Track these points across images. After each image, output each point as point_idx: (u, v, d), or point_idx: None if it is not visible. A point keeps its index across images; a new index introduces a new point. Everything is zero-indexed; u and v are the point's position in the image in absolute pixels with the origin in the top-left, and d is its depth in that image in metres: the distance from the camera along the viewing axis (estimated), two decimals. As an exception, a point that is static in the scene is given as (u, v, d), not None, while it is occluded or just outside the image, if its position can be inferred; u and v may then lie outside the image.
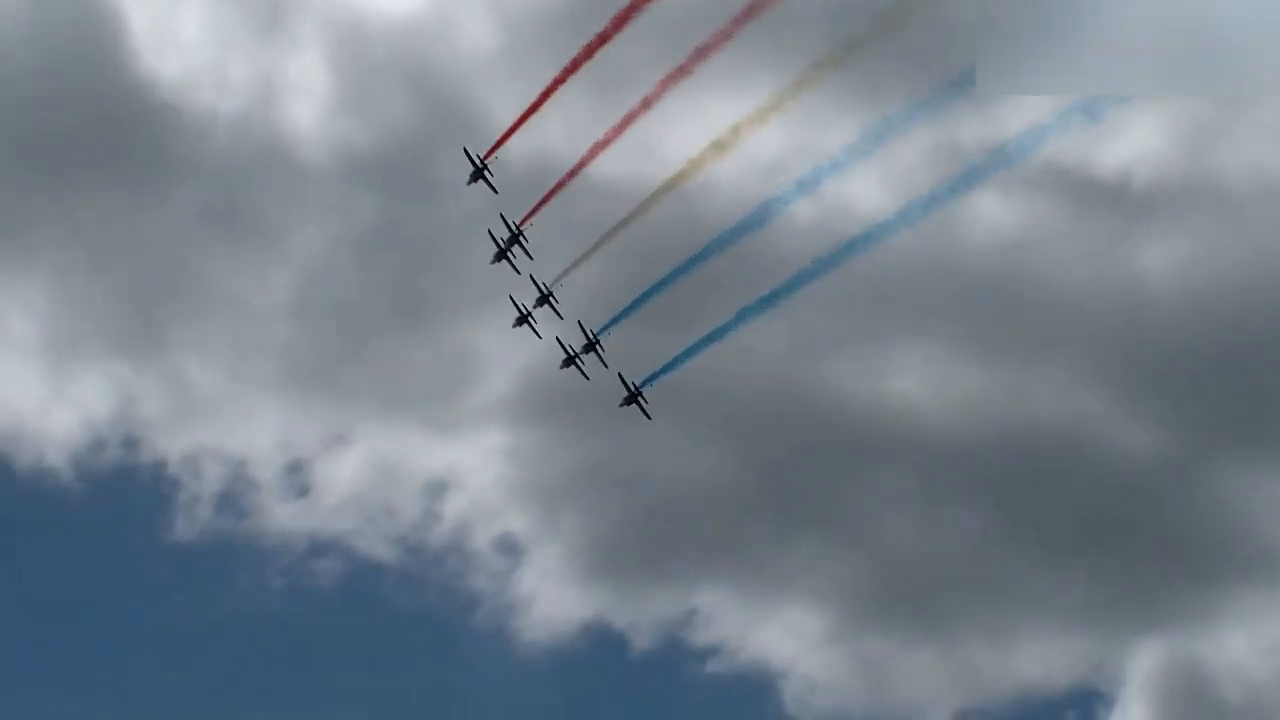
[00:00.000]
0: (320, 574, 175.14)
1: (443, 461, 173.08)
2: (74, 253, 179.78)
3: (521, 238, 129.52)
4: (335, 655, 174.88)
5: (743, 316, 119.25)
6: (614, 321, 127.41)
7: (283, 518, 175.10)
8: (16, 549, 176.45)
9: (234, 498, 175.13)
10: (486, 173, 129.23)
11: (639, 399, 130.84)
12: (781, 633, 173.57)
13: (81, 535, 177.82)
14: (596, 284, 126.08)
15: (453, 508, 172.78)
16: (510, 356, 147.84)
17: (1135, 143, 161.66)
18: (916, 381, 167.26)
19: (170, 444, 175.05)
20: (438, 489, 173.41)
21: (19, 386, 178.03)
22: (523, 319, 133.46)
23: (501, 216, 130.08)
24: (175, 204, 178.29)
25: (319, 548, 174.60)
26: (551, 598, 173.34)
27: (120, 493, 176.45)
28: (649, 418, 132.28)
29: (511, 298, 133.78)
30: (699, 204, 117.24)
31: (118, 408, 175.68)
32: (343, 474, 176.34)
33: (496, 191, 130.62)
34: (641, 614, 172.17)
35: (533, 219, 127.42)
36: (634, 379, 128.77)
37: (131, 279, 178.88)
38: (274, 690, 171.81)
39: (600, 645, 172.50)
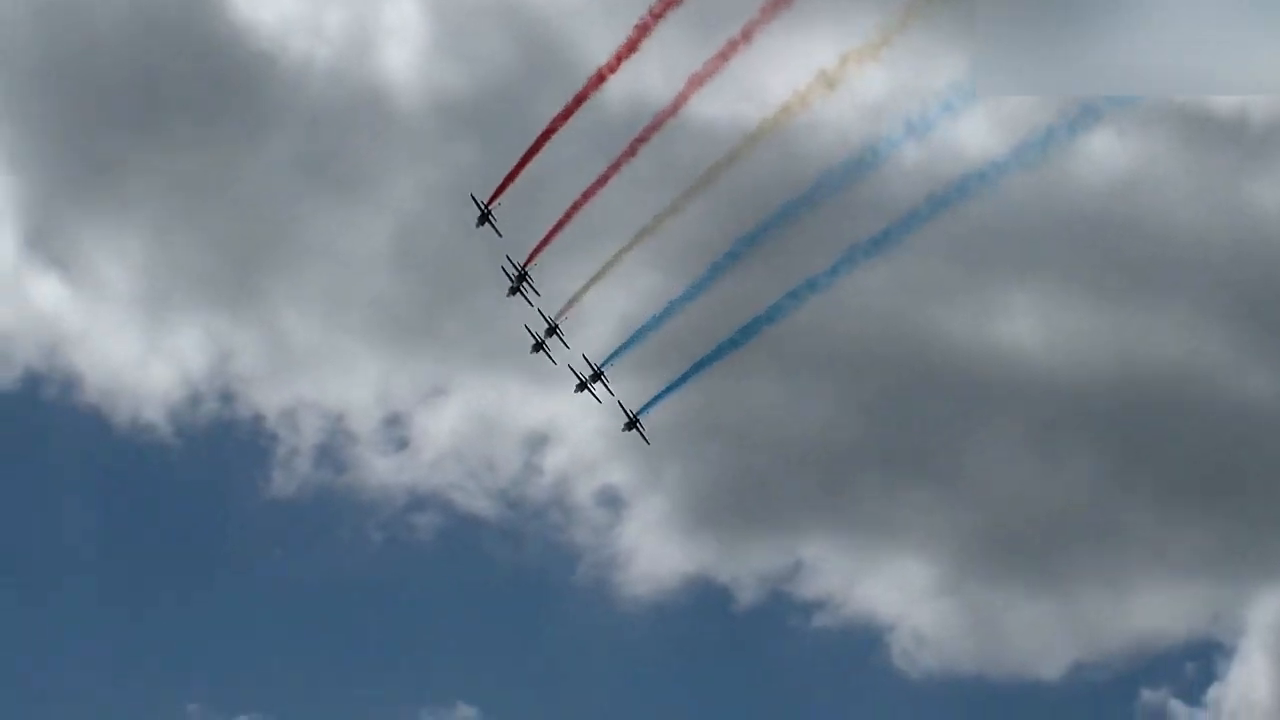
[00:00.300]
0: (419, 528, 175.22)
1: (543, 413, 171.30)
2: (169, 203, 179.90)
3: (528, 278, 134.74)
4: (434, 611, 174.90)
5: (847, 261, 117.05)
6: (616, 354, 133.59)
7: (381, 471, 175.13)
8: (114, 505, 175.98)
9: (332, 451, 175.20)
10: (491, 218, 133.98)
11: (637, 425, 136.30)
12: (889, 585, 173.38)
13: (179, 491, 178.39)
14: (697, 228, 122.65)
15: (553, 461, 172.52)
16: (611, 306, 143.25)
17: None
18: (1028, 325, 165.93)
19: (267, 398, 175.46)
20: (537, 442, 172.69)
21: (116, 340, 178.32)
22: (538, 346, 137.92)
23: (508, 258, 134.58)
24: (271, 153, 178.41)
25: (418, 502, 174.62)
26: (654, 551, 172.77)
27: (218, 447, 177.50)
28: (648, 443, 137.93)
29: (527, 327, 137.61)
30: (799, 146, 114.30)
31: (214, 361, 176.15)
32: (442, 427, 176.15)
33: (501, 235, 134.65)
34: (745, 567, 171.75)
35: (536, 259, 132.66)
36: (741, 311, 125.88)
37: (227, 230, 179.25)
38: (372, 645, 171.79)
39: (703, 599, 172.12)
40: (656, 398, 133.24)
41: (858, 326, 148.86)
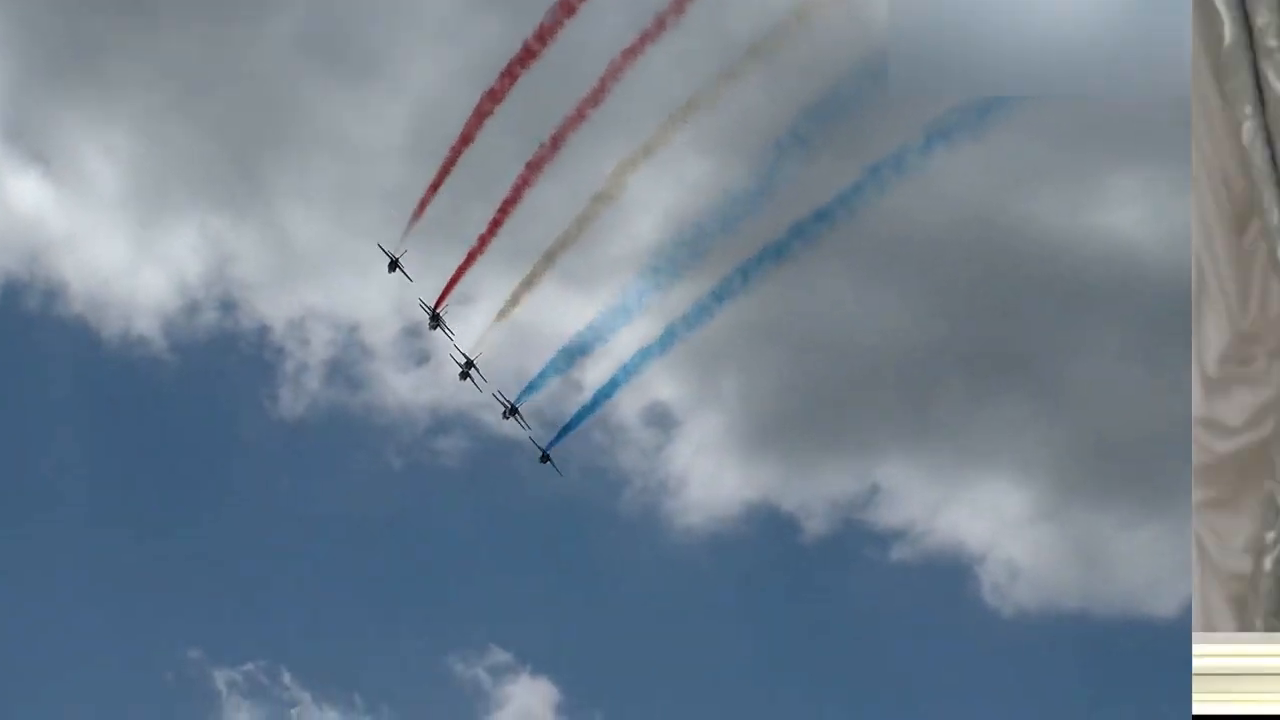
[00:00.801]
0: (444, 453, 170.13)
1: (581, 321, 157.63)
2: (160, 90, 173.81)
3: (441, 321, 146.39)
4: (463, 544, 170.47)
5: (930, 142, 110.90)
6: (528, 391, 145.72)
7: (401, 389, 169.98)
8: (105, 427, 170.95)
9: (345, 366, 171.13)
10: (400, 265, 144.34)
11: (548, 459, 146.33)
12: (978, 511, 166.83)
13: (176, 411, 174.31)
14: (754, 103, 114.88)
15: (594, 375, 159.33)
16: (656, 196, 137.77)
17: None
18: (1134, 215, 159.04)
19: (272, 306, 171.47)
20: (575, 353, 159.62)
21: (103, 245, 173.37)
22: (464, 374, 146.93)
23: (420, 300, 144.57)
24: (272, 32, 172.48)
25: (443, 423, 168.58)
26: (709, 476, 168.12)
27: (218, 362, 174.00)
28: (561, 475, 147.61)
29: (451, 356, 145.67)
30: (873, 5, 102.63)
31: (213, 266, 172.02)
32: (468, 338, 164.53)
33: (411, 280, 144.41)
34: (814, 493, 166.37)
35: (445, 303, 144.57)
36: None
37: (225, 119, 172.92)
38: (393, 584, 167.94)
39: (767, 530, 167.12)
40: (564, 431, 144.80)
41: (942, 216, 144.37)
